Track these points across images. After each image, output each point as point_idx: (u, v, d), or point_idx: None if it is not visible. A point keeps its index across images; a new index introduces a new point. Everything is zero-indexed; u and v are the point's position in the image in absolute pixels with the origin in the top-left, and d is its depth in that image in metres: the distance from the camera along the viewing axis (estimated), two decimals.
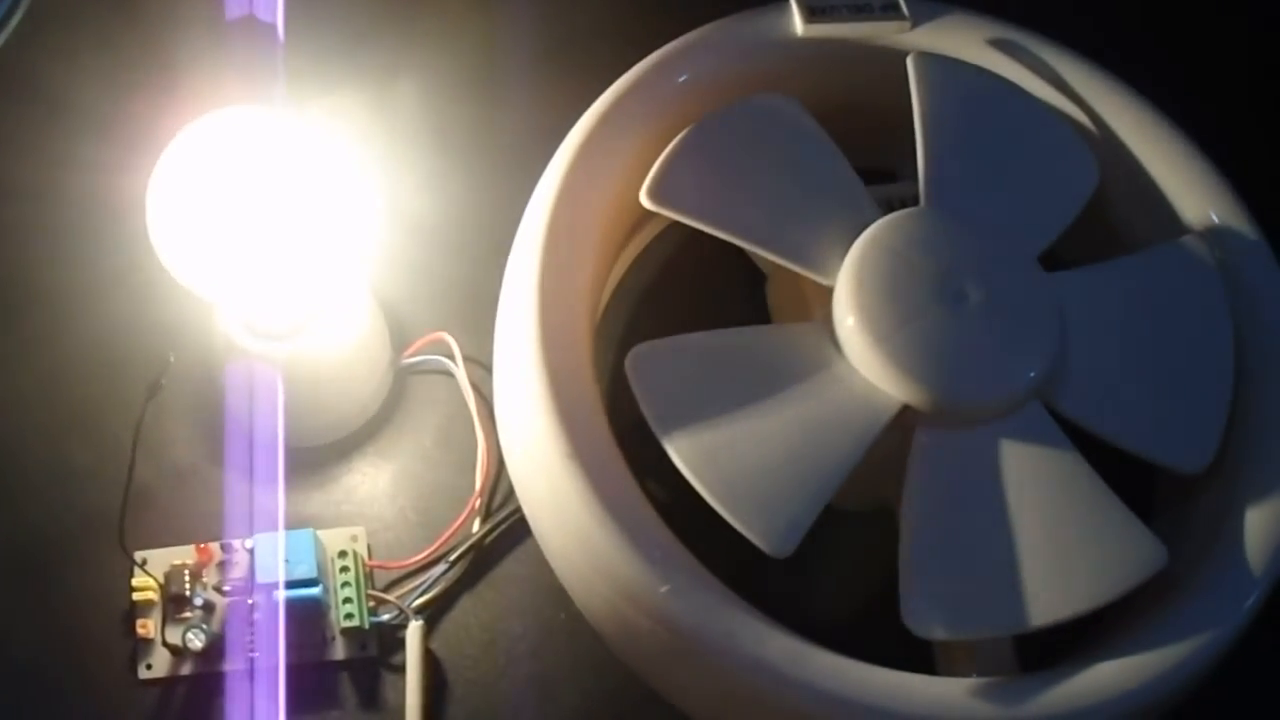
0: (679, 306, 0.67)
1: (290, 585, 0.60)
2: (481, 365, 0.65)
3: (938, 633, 0.53)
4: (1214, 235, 0.62)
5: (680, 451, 0.54)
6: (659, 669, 0.55)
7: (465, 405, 0.65)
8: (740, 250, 0.66)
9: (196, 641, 0.60)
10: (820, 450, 0.55)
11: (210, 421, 0.65)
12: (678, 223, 0.64)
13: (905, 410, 0.56)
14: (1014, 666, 0.56)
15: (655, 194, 0.58)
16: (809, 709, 0.52)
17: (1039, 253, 0.60)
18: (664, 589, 0.52)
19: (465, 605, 0.62)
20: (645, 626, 0.53)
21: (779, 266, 0.62)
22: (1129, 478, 0.57)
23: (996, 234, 0.59)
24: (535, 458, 0.55)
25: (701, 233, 0.58)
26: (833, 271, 0.58)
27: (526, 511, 0.57)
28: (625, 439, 0.56)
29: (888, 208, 0.60)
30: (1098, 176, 0.63)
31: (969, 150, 0.62)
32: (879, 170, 0.66)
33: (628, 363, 0.56)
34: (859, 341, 0.56)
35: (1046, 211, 0.62)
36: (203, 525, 0.63)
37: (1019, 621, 0.53)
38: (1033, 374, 0.57)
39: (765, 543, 0.53)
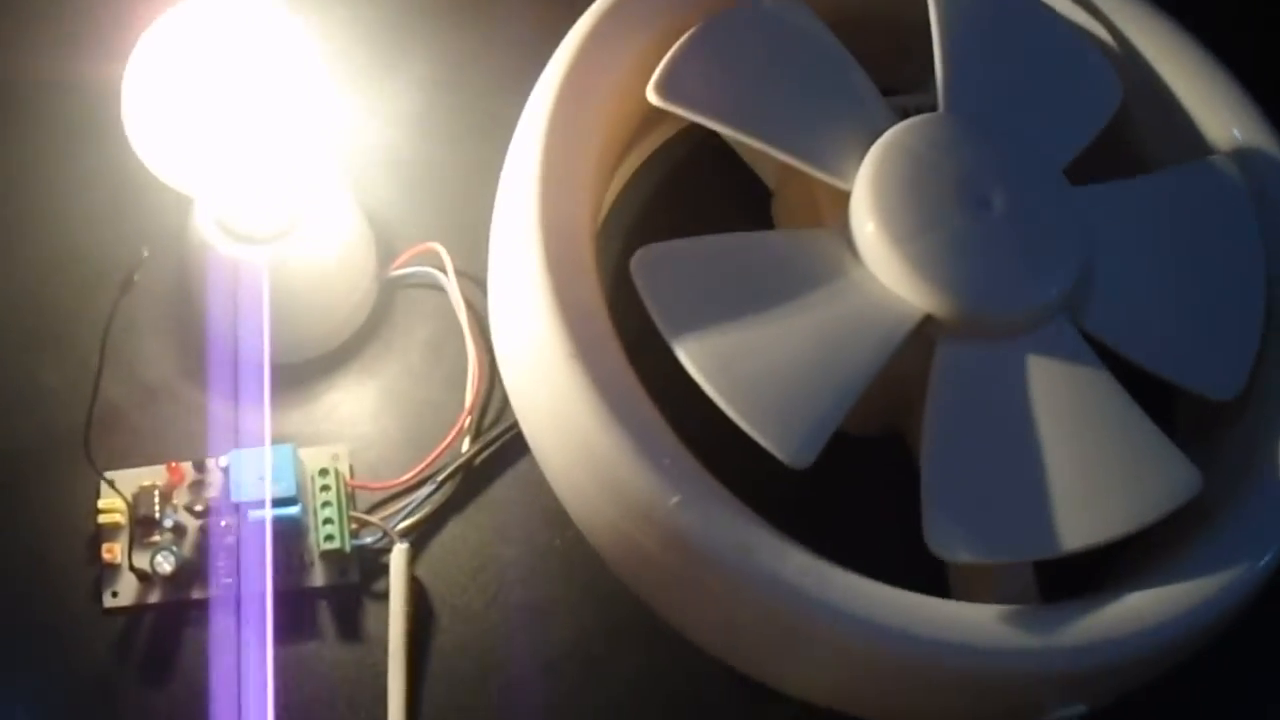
0: (678, 228, 0.63)
1: (264, 505, 0.56)
2: (472, 279, 0.61)
3: (962, 555, 0.50)
4: (1240, 155, 0.60)
5: (692, 356, 0.51)
6: (665, 589, 0.52)
7: (455, 320, 0.61)
8: (743, 169, 0.63)
9: (166, 565, 0.56)
10: (839, 359, 0.52)
11: (183, 336, 0.61)
12: (674, 142, 0.61)
13: (927, 321, 0.53)
14: (1035, 595, 0.53)
15: (663, 89, 0.55)
16: (830, 632, 0.49)
17: (1063, 167, 0.57)
18: (674, 499, 0.49)
19: (453, 529, 0.59)
20: (652, 541, 0.50)
21: (788, 176, 0.59)
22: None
23: (1019, 144, 0.57)
24: (535, 361, 0.52)
25: (701, 151, 0.55)
26: (849, 175, 0.55)
27: (523, 422, 0.54)
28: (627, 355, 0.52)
29: (903, 116, 0.57)
30: (1120, 93, 0.60)
31: (988, 62, 0.59)
32: (891, 91, 0.62)
33: (633, 264, 0.52)
34: (879, 246, 0.53)
35: (1068, 127, 0.59)
36: (174, 445, 0.59)
37: (1049, 546, 0.51)
38: (1061, 286, 0.54)
39: (782, 452, 0.49)
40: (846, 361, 0.52)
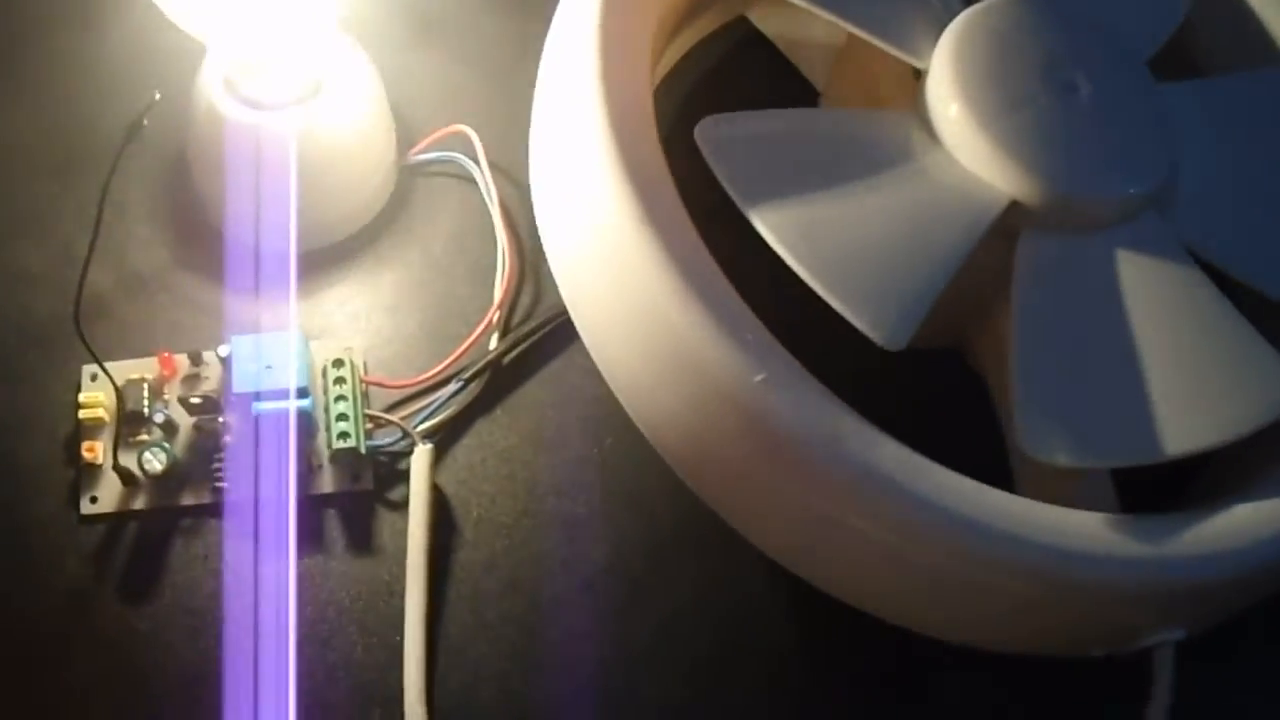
0: None
1: (272, 397, 0.49)
2: (498, 168, 0.56)
3: (1060, 458, 0.45)
4: None
5: (772, 228, 0.45)
6: (738, 483, 0.46)
7: (480, 210, 0.55)
8: (783, 71, 0.58)
9: (155, 463, 0.50)
10: (926, 241, 0.47)
11: (178, 218, 0.55)
12: (710, 41, 0.57)
13: (1011, 209, 0.48)
14: (1116, 506, 0.48)
15: None
16: (926, 530, 0.43)
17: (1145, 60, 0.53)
18: (759, 378, 0.43)
19: (479, 434, 0.53)
20: (730, 426, 0.44)
21: (843, 65, 0.55)
22: None
23: (1101, 33, 0.53)
24: (596, 230, 0.46)
25: (739, 52, 0.53)
26: (924, 55, 0.50)
27: (574, 302, 0.48)
28: None
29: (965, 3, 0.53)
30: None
31: None
32: None
33: (699, 132, 0.47)
34: (963, 126, 0.49)
35: (1141, 26, 0.55)
36: (165, 338, 0.53)
37: (1150, 450, 0.46)
38: (1153, 177, 0.50)
39: (876, 331, 0.45)
40: (934, 244, 0.47)
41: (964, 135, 0.49)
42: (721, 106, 0.56)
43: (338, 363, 0.51)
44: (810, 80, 0.59)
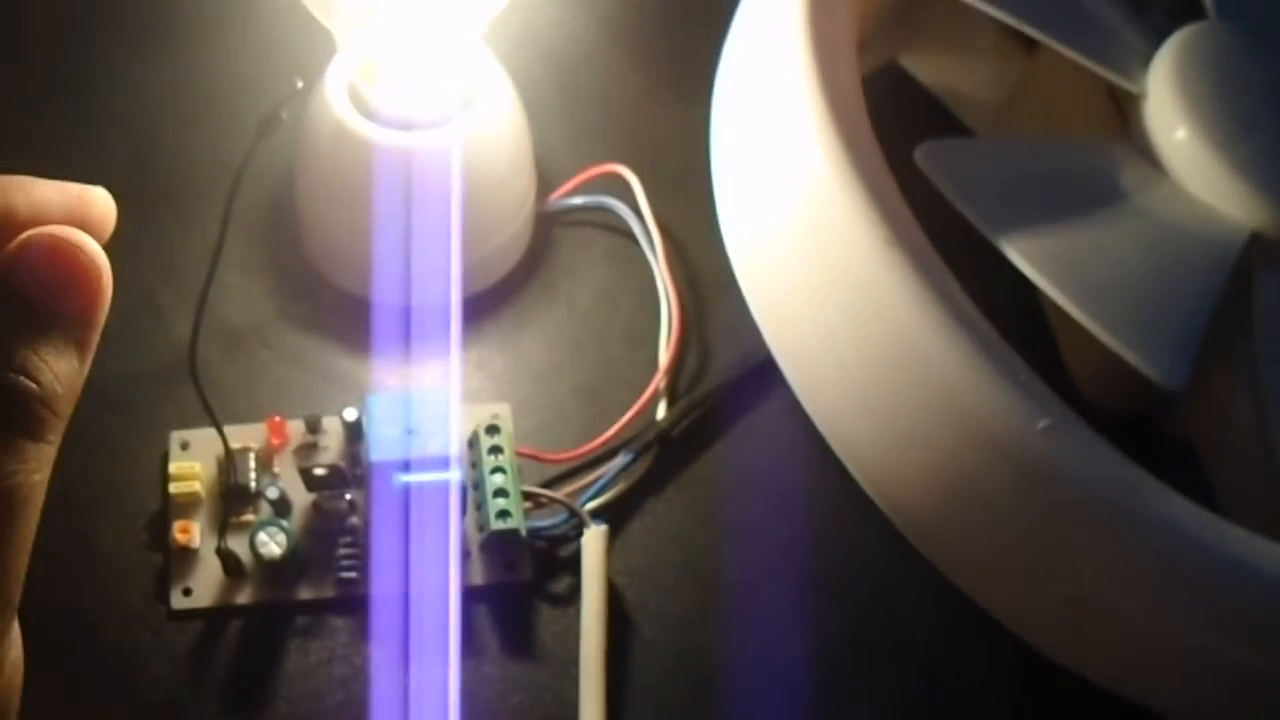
0: None
1: (419, 467, 0.41)
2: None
3: None
4: None
5: (1028, 256, 0.40)
6: (1002, 546, 0.39)
7: (631, 261, 0.48)
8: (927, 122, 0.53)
9: (273, 545, 0.41)
10: (1175, 275, 0.42)
11: (276, 264, 0.48)
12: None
13: (1250, 243, 0.43)
14: None
15: None
16: (1242, 594, 0.37)
17: None
18: (1042, 423, 0.37)
19: (651, 514, 0.45)
20: (1003, 478, 0.38)
21: (1024, 98, 0.51)
22: None
23: None
24: (826, 256, 0.39)
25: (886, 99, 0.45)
26: (1136, 78, 0.45)
27: (790, 346, 0.41)
28: None
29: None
30: None
31: None
32: None
33: (920, 156, 0.41)
34: (1195, 153, 0.44)
35: None
36: (269, 402, 0.45)
37: None
38: None
39: (1155, 368, 0.39)
40: (1183, 280, 0.42)
41: (1197, 162, 0.44)
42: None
43: (492, 429, 0.43)
44: (968, 125, 0.53)
